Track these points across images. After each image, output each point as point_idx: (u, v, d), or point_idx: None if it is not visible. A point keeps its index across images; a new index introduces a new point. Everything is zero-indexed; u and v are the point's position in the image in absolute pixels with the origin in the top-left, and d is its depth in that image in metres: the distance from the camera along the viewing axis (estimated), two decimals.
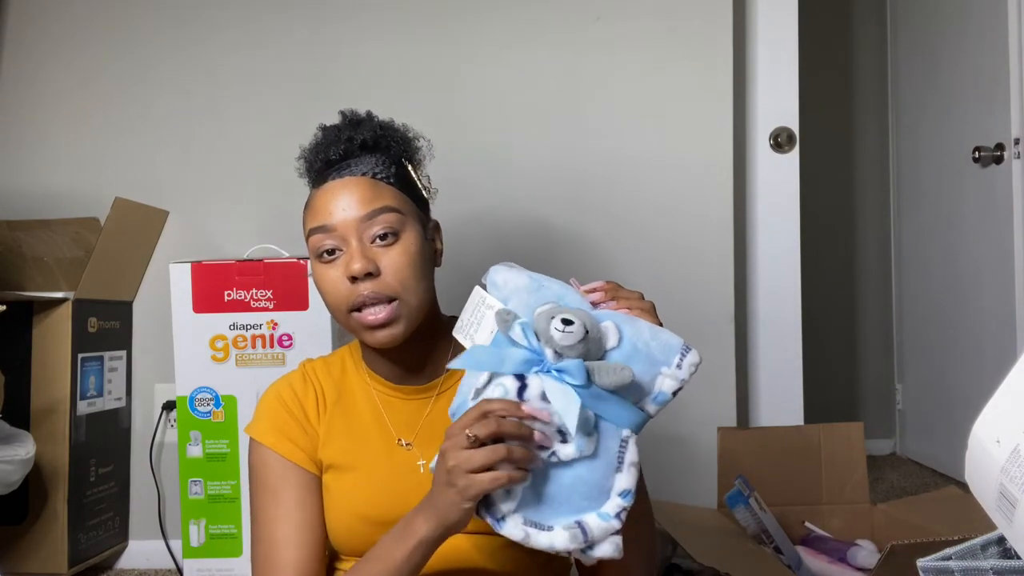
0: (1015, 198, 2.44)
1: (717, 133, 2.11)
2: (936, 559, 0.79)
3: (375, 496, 1.07)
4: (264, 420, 1.12)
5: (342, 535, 1.10)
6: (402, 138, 1.14)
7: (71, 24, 2.19)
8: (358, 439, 1.10)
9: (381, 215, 1.04)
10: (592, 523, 0.87)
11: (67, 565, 1.89)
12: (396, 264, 1.03)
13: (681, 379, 0.91)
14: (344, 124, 1.12)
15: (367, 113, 1.14)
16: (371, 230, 1.04)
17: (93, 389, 1.99)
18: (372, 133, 1.10)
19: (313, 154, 1.12)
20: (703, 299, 2.09)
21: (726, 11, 2.11)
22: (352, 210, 1.04)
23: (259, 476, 1.10)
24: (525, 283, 0.95)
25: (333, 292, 1.05)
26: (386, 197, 1.05)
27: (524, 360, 0.88)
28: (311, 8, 2.15)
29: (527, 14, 2.13)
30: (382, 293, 1.02)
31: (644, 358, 0.90)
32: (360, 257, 1.02)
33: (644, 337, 0.91)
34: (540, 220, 2.10)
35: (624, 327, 0.91)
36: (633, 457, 0.89)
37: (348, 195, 1.04)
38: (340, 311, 1.05)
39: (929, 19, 2.99)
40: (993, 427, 0.70)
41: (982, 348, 2.65)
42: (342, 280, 1.03)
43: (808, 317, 2.32)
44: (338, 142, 1.09)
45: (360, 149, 1.09)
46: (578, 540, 0.86)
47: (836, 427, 1.86)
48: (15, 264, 2.07)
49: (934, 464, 2.98)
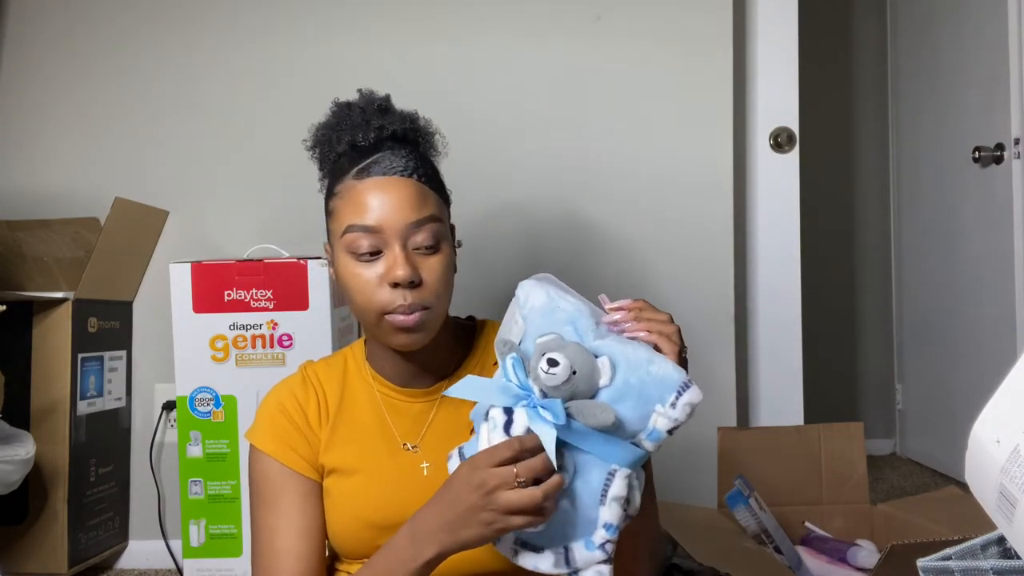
0: (1015, 198, 2.44)
1: (717, 133, 2.11)
2: (936, 559, 0.79)
3: (378, 500, 1.06)
4: (264, 427, 1.10)
5: (345, 539, 1.09)
6: (427, 132, 1.11)
7: (71, 24, 2.19)
8: (361, 443, 1.09)
9: (429, 224, 1.02)
10: (577, 552, 0.90)
11: (67, 565, 1.89)
12: (436, 274, 1.02)
13: (675, 419, 0.90)
14: (370, 108, 1.07)
15: (386, 96, 1.10)
16: (417, 237, 1.01)
17: (93, 389, 1.99)
18: (402, 125, 1.07)
19: (334, 134, 1.07)
20: (703, 299, 2.09)
21: (726, 11, 2.11)
22: (402, 214, 1.00)
23: (258, 485, 1.09)
24: (542, 303, 0.94)
25: (366, 292, 1.01)
26: (432, 205, 1.03)
27: (512, 395, 0.89)
28: (311, 8, 2.15)
29: (527, 14, 2.13)
30: (420, 303, 1.00)
31: (636, 396, 0.89)
32: (405, 264, 0.99)
33: (639, 374, 0.89)
34: (538, 220, 2.10)
35: (620, 363, 0.89)
36: (618, 492, 0.89)
37: (398, 196, 1.01)
38: (370, 311, 1.02)
39: (929, 19, 2.99)
40: (993, 427, 0.70)
41: (982, 348, 2.65)
42: (379, 282, 1.00)
43: (808, 317, 2.32)
44: (366, 127, 1.05)
45: (391, 140, 1.05)
46: (561, 566, 0.89)
47: (836, 427, 1.86)
48: (15, 264, 2.07)
49: (934, 464, 2.98)
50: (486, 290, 1.94)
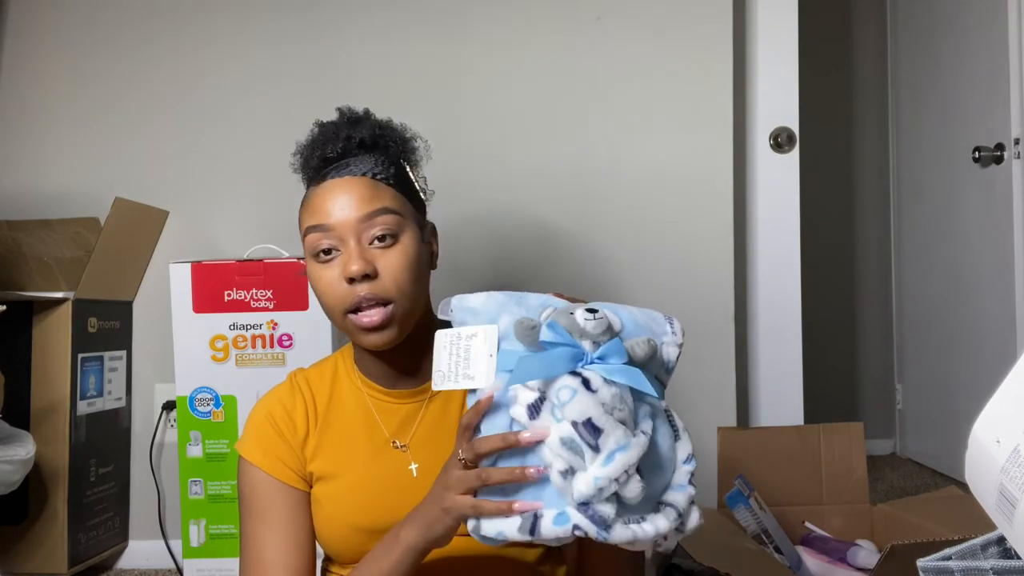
0: (1015, 198, 2.44)
1: (717, 133, 2.11)
2: (936, 559, 0.79)
3: (366, 504, 1.06)
4: (252, 438, 1.11)
5: (335, 545, 1.09)
6: (400, 138, 1.12)
7: (71, 24, 2.19)
8: (348, 447, 1.09)
9: (380, 216, 1.03)
10: (675, 499, 0.88)
11: (67, 565, 1.89)
12: (394, 267, 1.02)
13: (679, 344, 0.94)
14: (342, 121, 1.11)
15: (365, 111, 1.13)
16: (370, 231, 1.02)
17: (93, 389, 1.99)
18: (371, 132, 1.09)
19: (310, 150, 1.10)
20: (703, 299, 2.09)
21: (726, 11, 2.11)
22: (351, 210, 1.02)
23: (247, 497, 1.09)
24: (504, 299, 0.93)
25: (329, 292, 1.03)
26: (385, 198, 1.04)
27: (571, 357, 0.85)
28: (312, 9, 2.15)
29: (527, 14, 2.13)
30: (378, 295, 1.01)
31: (647, 333, 0.92)
32: (358, 258, 1.01)
33: (636, 316, 0.93)
34: (539, 221, 2.10)
35: (615, 309, 0.92)
36: (681, 422, 0.91)
37: (347, 194, 1.03)
38: (335, 312, 1.04)
39: (929, 19, 2.99)
40: (993, 427, 0.70)
41: (982, 348, 2.65)
42: (339, 280, 1.02)
43: (808, 317, 2.32)
44: (336, 139, 1.07)
45: (359, 148, 1.08)
46: (672, 518, 0.86)
47: (836, 427, 1.86)
48: (15, 264, 2.07)
49: (934, 464, 2.98)
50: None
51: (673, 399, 0.95)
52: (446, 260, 1.19)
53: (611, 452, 0.81)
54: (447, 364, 0.90)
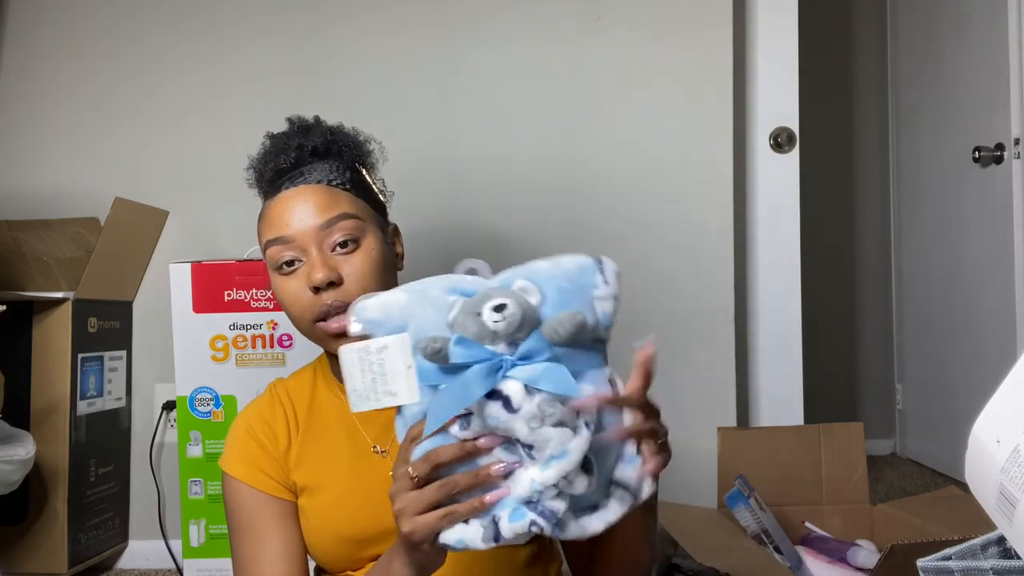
0: (1015, 198, 2.44)
1: (717, 133, 2.11)
2: (936, 559, 0.79)
3: (351, 513, 1.05)
4: (234, 453, 1.10)
5: (324, 555, 1.08)
6: (354, 142, 1.12)
7: (71, 24, 2.19)
8: (331, 457, 1.08)
9: (340, 222, 1.02)
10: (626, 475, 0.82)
11: (67, 565, 1.89)
12: (358, 271, 1.01)
13: (613, 294, 0.83)
14: (292, 131, 1.10)
15: (315, 118, 1.12)
16: (331, 238, 1.01)
17: (93, 389, 1.99)
18: (323, 139, 1.08)
19: (262, 163, 1.09)
20: (703, 299, 2.09)
21: (726, 11, 2.11)
22: (309, 218, 1.01)
23: (234, 512, 1.08)
24: (405, 299, 0.84)
25: (296, 303, 1.02)
26: (344, 204, 1.03)
27: (487, 374, 0.76)
28: (311, 7, 2.15)
29: (527, 13, 2.13)
30: (345, 302, 0.98)
31: (573, 294, 0.82)
32: (322, 266, 0.99)
33: (557, 276, 0.82)
34: (539, 221, 2.10)
35: (534, 276, 0.82)
36: (620, 382, 0.83)
37: (304, 203, 1.02)
38: (304, 322, 1.03)
39: (929, 19, 2.99)
40: (993, 427, 0.70)
41: (982, 348, 2.65)
42: (303, 290, 1.01)
43: (808, 317, 2.32)
44: (288, 150, 1.06)
45: (312, 156, 1.07)
46: (625, 500, 0.82)
47: (836, 427, 1.86)
48: (15, 264, 2.07)
49: (934, 464, 2.98)
50: None
51: (673, 399, 0.94)
52: (443, 261, 1.19)
53: (547, 460, 0.76)
54: (361, 383, 0.82)
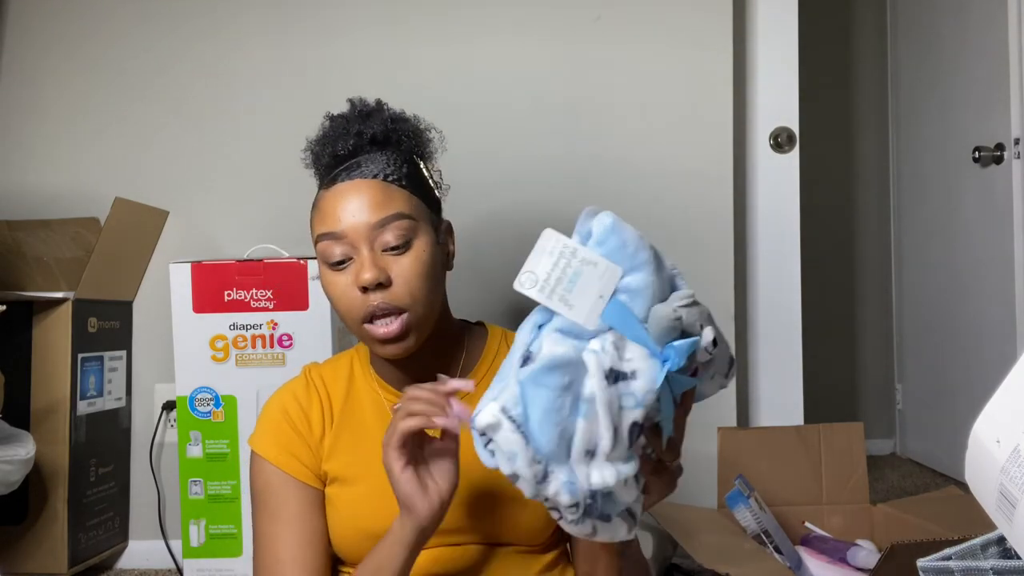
0: (1015, 198, 2.44)
1: (717, 133, 2.10)
2: (936, 559, 0.79)
3: (380, 511, 1.02)
4: (266, 433, 1.09)
5: (346, 548, 1.07)
6: (414, 131, 1.10)
7: (71, 24, 2.18)
8: (364, 451, 1.06)
9: (393, 222, 1.00)
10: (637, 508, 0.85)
11: (67, 565, 1.89)
12: (407, 274, 1.00)
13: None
14: (353, 115, 1.07)
15: (377, 102, 1.10)
16: (382, 237, 1.00)
17: (93, 389, 1.99)
18: (383, 127, 1.06)
19: (320, 146, 1.07)
20: (703, 299, 2.05)
21: (726, 11, 2.11)
22: (362, 216, 0.99)
23: (260, 492, 1.07)
24: (649, 256, 0.84)
25: (343, 300, 1.01)
26: (398, 202, 1.01)
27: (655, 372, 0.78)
28: (311, 7, 2.15)
29: (527, 13, 2.13)
30: (392, 304, 0.99)
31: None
32: (371, 267, 0.98)
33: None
34: (537, 221, 2.09)
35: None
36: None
37: (358, 199, 1.00)
38: (351, 320, 1.02)
39: (929, 19, 2.99)
40: (993, 427, 0.70)
41: (982, 348, 2.65)
42: (351, 288, 1.00)
43: (808, 317, 2.32)
44: (347, 135, 1.05)
45: (370, 144, 1.05)
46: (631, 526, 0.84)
47: (836, 427, 1.86)
48: (15, 264, 2.07)
49: (934, 464, 2.98)
50: (482, 294, 1.94)
51: None
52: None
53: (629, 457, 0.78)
54: (547, 272, 0.76)
